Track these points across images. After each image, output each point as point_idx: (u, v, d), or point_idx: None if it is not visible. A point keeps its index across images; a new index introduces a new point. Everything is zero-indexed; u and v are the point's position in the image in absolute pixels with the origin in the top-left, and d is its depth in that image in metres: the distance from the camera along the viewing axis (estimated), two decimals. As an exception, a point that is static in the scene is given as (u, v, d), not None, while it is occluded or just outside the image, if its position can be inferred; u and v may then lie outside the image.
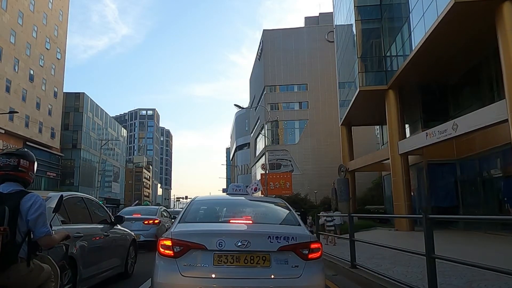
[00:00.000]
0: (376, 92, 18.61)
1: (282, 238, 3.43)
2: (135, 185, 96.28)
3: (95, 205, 6.08)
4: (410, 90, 18.48)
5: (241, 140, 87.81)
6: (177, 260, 3.38)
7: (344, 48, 25.17)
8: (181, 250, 3.40)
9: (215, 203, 5.17)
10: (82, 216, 5.39)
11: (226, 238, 3.40)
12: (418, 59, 15.36)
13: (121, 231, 6.65)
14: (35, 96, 43.44)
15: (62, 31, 51.02)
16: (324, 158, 51.14)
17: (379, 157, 21.85)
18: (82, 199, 5.60)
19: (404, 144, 17.35)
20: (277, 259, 3.38)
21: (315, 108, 54.57)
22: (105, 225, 5.93)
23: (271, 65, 58.20)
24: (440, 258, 4.14)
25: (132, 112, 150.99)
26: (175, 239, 3.47)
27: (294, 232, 3.60)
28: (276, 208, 4.78)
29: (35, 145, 43.81)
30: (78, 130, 56.63)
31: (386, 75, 18.31)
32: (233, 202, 5.10)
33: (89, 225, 5.35)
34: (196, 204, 4.60)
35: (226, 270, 3.33)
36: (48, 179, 48.57)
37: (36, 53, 43.53)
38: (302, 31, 59.96)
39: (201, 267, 3.35)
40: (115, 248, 6.13)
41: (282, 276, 3.33)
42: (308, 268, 3.40)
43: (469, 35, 13.23)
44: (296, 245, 3.43)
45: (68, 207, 4.86)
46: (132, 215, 12.16)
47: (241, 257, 3.35)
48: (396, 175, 17.77)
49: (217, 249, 3.35)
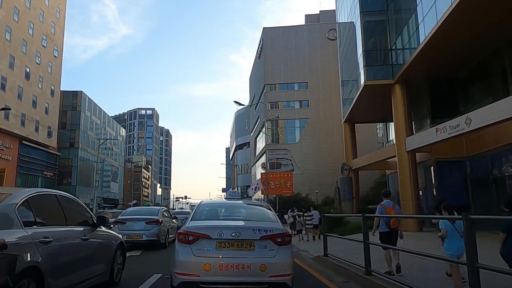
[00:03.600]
0: (382, 87, 17.88)
1: (263, 230, 4.92)
2: (134, 185, 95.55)
3: (73, 204, 5.35)
4: (417, 84, 17.76)
5: (241, 139, 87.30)
6: (191, 245, 4.85)
7: (347, 45, 24.48)
8: (193, 239, 4.88)
9: (216, 206, 6.86)
10: (54, 217, 4.67)
11: (224, 230, 4.91)
12: (427, 51, 14.68)
13: (105, 233, 5.96)
14: (32, 94, 42.69)
15: (59, 29, 50.27)
16: (325, 158, 50.64)
17: (383, 155, 21.14)
18: (55, 196, 4.88)
19: (412, 140, 16.63)
20: (259, 244, 4.84)
21: (315, 107, 54.00)
22: (86, 227, 5.27)
23: (271, 63, 57.57)
24: (485, 268, 3.42)
25: (132, 111, 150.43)
26: (189, 231, 4.98)
27: (272, 227, 5.12)
28: (261, 209, 6.47)
29: (32, 144, 43.13)
30: (76, 129, 55.90)
31: (393, 69, 17.58)
32: (230, 205, 7.03)
33: (62, 228, 4.65)
34: (202, 207, 6.26)
35: (224, 252, 4.79)
36: (45, 179, 47.83)
37: (33, 50, 42.79)
38: (303, 29, 59.35)
39: (207, 250, 4.81)
40: (97, 253, 5.41)
41: (262, 256, 4.78)
42: (280, 251, 4.85)
43: (483, 25, 12.55)
44: (272, 235, 4.90)
45: (35, 207, 4.19)
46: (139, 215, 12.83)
47: (235, 243, 4.82)
48: (403, 173, 17.06)
49: (218, 238, 4.83)
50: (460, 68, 16.04)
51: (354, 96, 21.58)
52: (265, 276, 4.73)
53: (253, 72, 72.58)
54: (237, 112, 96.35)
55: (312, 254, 10.29)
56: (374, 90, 18.34)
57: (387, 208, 6.93)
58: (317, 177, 49.62)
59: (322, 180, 48.27)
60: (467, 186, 16.00)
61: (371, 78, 18.05)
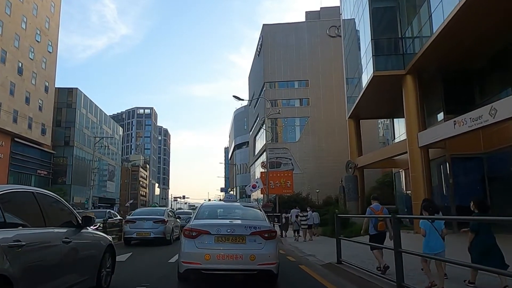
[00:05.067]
0: (392, 78, 16.64)
1: (253, 227, 6.04)
2: (131, 184, 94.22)
3: (54, 203, 4.77)
4: (430, 75, 16.55)
5: (240, 138, 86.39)
6: (194, 240, 5.96)
7: (352, 39, 23.31)
8: (196, 234, 5.99)
9: (215, 207, 8.26)
10: (30, 218, 4.10)
11: (221, 227, 6.06)
12: (442, 40, 13.53)
13: (91, 235, 5.48)
14: (24, 90, 41.44)
15: (54, 24, 49.00)
16: (326, 157, 49.80)
17: (392, 152, 19.94)
18: (32, 194, 4.29)
19: (425, 135, 15.40)
20: (249, 239, 5.93)
21: (316, 105, 53.04)
22: (69, 228, 4.74)
23: (271, 61, 56.53)
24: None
25: (130, 110, 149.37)
26: (193, 228, 6.11)
27: (260, 224, 6.24)
28: (253, 210, 7.56)
29: (24, 141, 41.88)
30: (71, 126, 54.53)
31: (404, 59, 16.38)
32: (227, 206, 8.47)
33: (39, 230, 4.09)
34: (204, 208, 7.44)
35: (221, 245, 5.90)
36: (39, 178, 46.59)
37: (25, 45, 41.54)
38: (303, 26, 58.36)
39: (207, 243, 5.91)
40: (81, 257, 4.84)
41: (252, 248, 5.86)
42: (267, 244, 5.95)
43: (504, 10, 11.43)
44: (260, 232, 6.00)
45: (6, 206, 3.67)
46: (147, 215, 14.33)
47: (230, 237, 5.94)
48: (415, 171, 15.85)
49: (216, 234, 5.97)
50: (477, 57, 14.85)
51: (360, 91, 20.39)
52: (254, 264, 5.82)
53: (252, 70, 71.50)
54: (236, 111, 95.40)
55: (321, 259, 9.14)
56: (383, 81, 17.12)
57: (376, 211, 7.35)
58: (318, 177, 48.74)
59: (323, 180, 47.46)
60: (484, 184, 14.80)
61: (380, 68, 16.79)
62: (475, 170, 15.40)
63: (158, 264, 8.84)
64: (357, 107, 21.91)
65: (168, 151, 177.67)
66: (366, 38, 17.98)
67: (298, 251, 11.48)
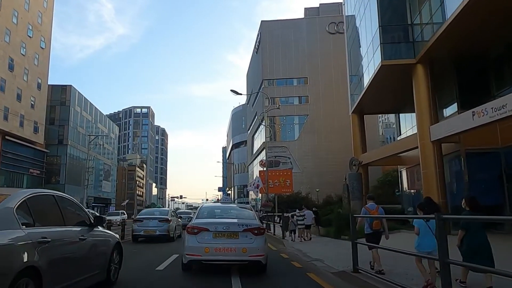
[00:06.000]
0: (401, 68, 15.48)
1: (245, 225, 7.22)
2: (127, 184, 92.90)
3: (70, 204, 5.33)
4: (442, 64, 15.43)
5: (238, 138, 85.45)
6: (195, 235, 7.13)
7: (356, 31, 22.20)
8: (197, 231, 7.17)
9: (213, 208, 9.76)
10: (52, 218, 4.69)
11: (218, 225, 7.24)
12: (456, 26, 12.44)
13: (102, 233, 5.98)
14: (16, 87, 40.10)
15: (47, 19, 47.68)
16: (325, 155, 48.97)
17: (399, 148, 18.78)
18: (53, 197, 4.86)
19: (439, 128, 14.23)
20: (242, 235, 7.08)
21: (315, 103, 52.11)
22: (83, 227, 5.27)
23: (269, 58, 55.54)
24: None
25: (127, 110, 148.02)
26: (194, 226, 7.31)
27: (251, 223, 7.42)
28: (245, 210, 8.93)
29: (16, 139, 40.57)
30: (65, 125, 53.17)
31: (414, 47, 15.26)
32: (223, 207, 10.28)
33: (60, 228, 4.65)
34: (203, 209, 8.86)
35: (218, 240, 7.04)
36: (32, 177, 45.27)
37: (17, 40, 40.23)
38: (302, 22, 57.34)
39: (207, 239, 7.06)
40: (94, 253, 5.40)
41: (244, 242, 7.01)
42: (257, 239, 7.10)
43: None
44: (251, 229, 7.16)
45: (33, 207, 4.22)
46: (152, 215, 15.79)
47: (225, 234, 7.09)
48: (427, 167, 14.70)
49: (214, 230, 7.12)
50: (494, 43, 13.71)
51: (364, 85, 19.25)
52: (246, 255, 6.88)
53: (251, 68, 70.42)
54: (234, 110, 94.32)
55: (330, 265, 8.02)
56: (391, 71, 15.94)
57: (371, 210, 7.45)
58: (317, 176, 47.93)
59: (322, 179, 46.74)
60: (502, 181, 13.69)
61: (389, 57, 15.60)
62: (492, 166, 14.26)
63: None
64: (361, 101, 20.75)
65: (166, 150, 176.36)
66: (373, 26, 16.83)
67: (302, 254, 10.38)
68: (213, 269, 7.38)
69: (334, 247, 12.52)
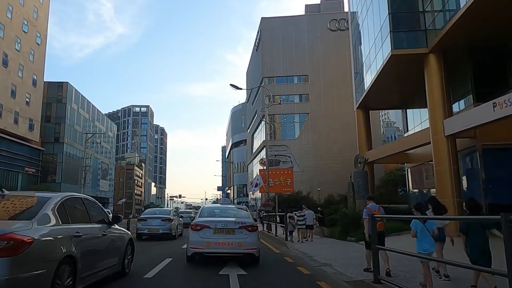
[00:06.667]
0: (412, 58, 14.56)
1: (240, 223, 8.43)
2: (126, 183, 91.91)
3: (93, 205, 6.19)
4: (456, 54, 14.51)
5: (237, 136, 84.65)
6: (198, 232, 8.29)
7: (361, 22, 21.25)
8: (200, 228, 8.33)
9: (213, 208, 11.35)
10: (81, 216, 5.50)
11: (218, 223, 8.43)
12: (472, 13, 11.56)
13: (118, 230, 6.75)
14: (10, 83, 39.10)
15: (43, 14, 46.70)
16: (326, 154, 48.23)
17: (408, 144, 17.80)
18: (80, 199, 5.82)
19: (454, 122, 13.27)
20: (238, 231, 8.25)
21: (316, 101, 51.28)
22: (103, 224, 6.06)
23: (269, 55, 54.63)
24: None
25: (125, 108, 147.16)
26: (197, 223, 8.48)
27: (246, 221, 8.65)
28: (241, 211, 10.16)
29: (10, 137, 39.55)
30: (61, 122, 52.08)
31: (426, 36, 14.35)
32: (222, 208, 11.32)
33: (87, 225, 5.46)
34: (205, 209, 10.17)
35: (217, 235, 8.20)
36: (27, 176, 44.28)
37: (11, 35, 39.25)
38: (303, 19, 56.49)
39: (208, 234, 8.21)
40: (113, 247, 6.21)
41: (239, 238, 8.18)
42: (250, 235, 8.31)
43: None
44: (246, 226, 8.36)
45: (67, 208, 5.06)
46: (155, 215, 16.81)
47: (224, 230, 8.28)
48: (440, 164, 13.76)
49: (214, 227, 8.29)
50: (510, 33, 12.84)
51: (371, 78, 18.31)
52: (241, 249, 8.28)
53: (251, 66, 69.51)
54: (234, 109, 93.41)
55: (341, 271, 7.12)
56: (401, 61, 14.96)
57: (373, 211, 7.22)
58: (318, 175, 47.17)
59: (322, 178, 46.04)
60: (522, 180, 12.79)
61: (399, 46, 14.70)
62: (511, 163, 13.36)
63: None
64: (367, 95, 19.78)
65: (165, 150, 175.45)
66: (382, 14, 15.89)
67: (308, 258, 9.49)
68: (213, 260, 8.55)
69: (341, 249, 11.67)
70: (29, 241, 3.90)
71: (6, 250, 3.70)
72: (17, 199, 4.97)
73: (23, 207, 4.73)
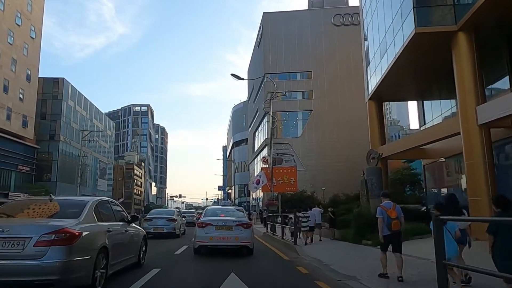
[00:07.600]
0: (438, 36, 12.79)
1: (237, 221, 10.60)
2: (125, 182, 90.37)
3: (116, 206, 7.52)
4: (488, 33, 12.83)
5: (239, 135, 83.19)
6: (203, 228, 10.34)
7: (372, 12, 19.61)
8: (205, 225, 10.37)
9: (215, 209, 13.24)
10: (109, 215, 6.75)
11: (219, 221, 10.59)
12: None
13: (135, 228, 8.09)
14: (2, 78, 37.58)
15: (38, 7, 45.15)
16: (330, 153, 46.76)
17: (425, 139, 16.11)
18: (108, 202, 7.23)
19: (489, 109, 11.47)
20: (235, 228, 10.33)
21: (320, 98, 49.73)
22: (124, 222, 7.34)
23: (271, 51, 53.03)
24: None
25: (126, 108, 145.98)
26: (203, 222, 10.58)
27: (242, 220, 10.90)
28: (238, 212, 12.36)
29: (2, 134, 37.96)
30: (57, 119, 50.51)
31: (455, 11, 12.65)
32: (223, 209, 13.35)
33: (114, 222, 6.76)
34: (208, 210, 12.59)
35: (219, 231, 10.27)
36: (21, 174, 42.72)
37: (3, 28, 37.71)
38: (306, 14, 54.96)
39: (211, 230, 10.27)
40: (132, 242, 7.48)
41: (237, 233, 10.24)
42: (245, 231, 10.37)
43: None
44: (242, 223, 10.49)
45: (100, 208, 6.40)
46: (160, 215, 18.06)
47: (224, 227, 10.35)
48: (472, 157, 12.00)
49: (216, 225, 10.36)
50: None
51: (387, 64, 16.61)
52: (238, 242, 10.16)
53: (252, 62, 67.93)
54: (235, 108, 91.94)
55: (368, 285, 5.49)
56: (424, 42, 13.18)
57: (388, 209, 6.84)
58: (322, 174, 45.71)
59: (326, 177, 44.61)
60: None
61: (424, 23, 12.96)
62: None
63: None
64: (380, 85, 18.01)
65: (165, 149, 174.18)
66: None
67: (325, 267, 7.92)
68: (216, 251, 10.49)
69: (359, 255, 10.11)
70: (79, 234, 5.06)
71: (64, 240, 4.82)
72: (62, 202, 6.28)
73: (68, 208, 5.98)
